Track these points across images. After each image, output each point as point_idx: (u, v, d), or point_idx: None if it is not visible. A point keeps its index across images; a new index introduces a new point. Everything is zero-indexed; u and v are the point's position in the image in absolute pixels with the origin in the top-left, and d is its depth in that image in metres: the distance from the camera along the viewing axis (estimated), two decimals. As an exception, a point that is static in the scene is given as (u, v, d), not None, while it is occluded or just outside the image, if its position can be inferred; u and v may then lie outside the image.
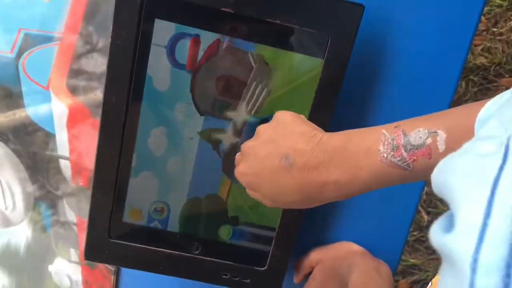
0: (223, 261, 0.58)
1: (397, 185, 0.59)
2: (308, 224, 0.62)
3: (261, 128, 0.45)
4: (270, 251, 0.57)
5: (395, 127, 0.39)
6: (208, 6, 0.48)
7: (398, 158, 0.37)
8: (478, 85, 1.30)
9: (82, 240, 0.68)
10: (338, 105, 0.52)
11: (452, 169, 0.26)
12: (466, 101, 1.29)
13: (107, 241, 0.56)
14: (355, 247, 0.60)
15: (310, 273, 0.61)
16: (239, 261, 0.58)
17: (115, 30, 0.48)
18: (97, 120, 0.61)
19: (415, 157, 0.37)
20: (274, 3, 0.48)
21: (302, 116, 0.46)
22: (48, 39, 0.61)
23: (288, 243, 0.57)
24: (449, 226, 0.23)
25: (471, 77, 1.29)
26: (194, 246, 0.57)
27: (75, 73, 0.61)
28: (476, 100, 1.31)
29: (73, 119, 0.63)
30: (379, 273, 0.55)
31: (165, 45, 0.50)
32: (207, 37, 0.50)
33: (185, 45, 0.50)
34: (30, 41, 0.61)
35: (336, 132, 0.42)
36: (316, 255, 0.60)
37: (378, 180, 0.39)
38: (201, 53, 0.51)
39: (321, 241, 0.63)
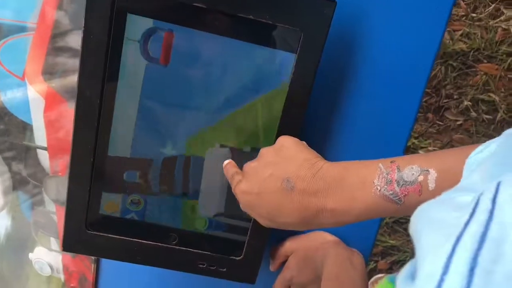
0: (200, 251, 0.59)
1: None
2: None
3: (264, 151, 0.48)
4: (246, 241, 0.58)
5: (391, 162, 0.41)
6: (181, 1, 0.48)
7: (391, 192, 0.40)
8: (457, 70, 1.31)
9: (61, 229, 0.69)
10: (311, 99, 0.52)
11: (426, 217, 0.28)
12: (445, 86, 1.30)
13: (84, 232, 0.57)
14: (328, 236, 0.61)
15: (285, 261, 0.62)
16: (215, 251, 0.59)
17: (87, 25, 0.48)
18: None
19: (406, 192, 0.39)
20: (246, -1, 0.48)
21: (304, 143, 0.49)
22: (21, 29, 0.60)
23: (264, 233, 0.58)
24: (414, 275, 0.25)
25: (450, 62, 1.30)
26: (171, 237, 0.58)
27: (51, 63, 0.61)
28: (455, 84, 1.33)
29: (50, 109, 0.63)
30: (352, 264, 0.57)
31: (138, 40, 0.50)
32: (180, 32, 0.50)
33: (159, 39, 0.50)
34: (3, 31, 0.60)
35: (336, 162, 0.45)
36: (290, 244, 0.62)
37: (371, 210, 0.42)
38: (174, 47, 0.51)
39: (297, 231, 0.64)
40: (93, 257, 0.69)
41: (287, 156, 0.46)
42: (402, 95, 0.58)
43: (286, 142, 0.47)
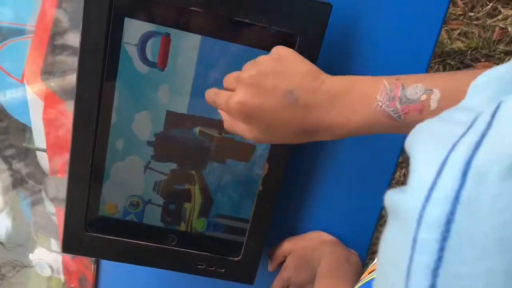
0: (199, 252, 0.59)
1: (369, 171, 0.60)
2: (281, 214, 0.63)
3: (261, 59, 0.44)
4: (244, 242, 0.59)
5: (396, 79, 0.40)
6: (178, 5, 0.48)
7: (392, 109, 0.39)
8: (455, 68, 1.31)
9: (61, 230, 0.69)
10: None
11: (422, 131, 0.27)
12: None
13: (84, 234, 0.57)
14: (325, 236, 0.62)
15: (283, 262, 0.63)
16: (214, 252, 0.59)
17: (85, 29, 0.48)
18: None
19: (407, 110, 0.39)
20: (243, 2, 0.49)
21: (300, 55, 0.45)
22: (20, 32, 0.61)
23: (261, 234, 0.59)
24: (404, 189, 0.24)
25: (448, 61, 1.31)
26: (170, 237, 0.59)
27: (50, 62, 0.61)
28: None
29: (49, 112, 0.64)
30: (348, 262, 0.57)
31: (136, 44, 0.51)
32: (177, 36, 0.51)
33: (156, 43, 0.51)
34: (2, 34, 0.61)
35: (340, 76, 0.43)
36: (288, 245, 0.62)
37: (369, 126, 0.41)
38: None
39: (294, 231, 0.64)
40: (93, 258, 0.69)
41: (289, 66, 0.43)
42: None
43: (284, 52, 0.44)
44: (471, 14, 1.30)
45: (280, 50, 0.45)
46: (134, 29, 0.50)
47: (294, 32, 0.50)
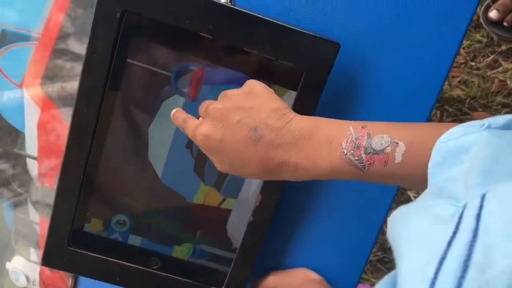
0: (181, 278, 0.58)
1: (364, 208, 0.60)
2: (269, 246, 0.62)
3: (230, 93, 0.44)
4: (229, 272, 0.58)
5: (362, 126, 0.39)
6: (187, 30, 0.48)
7: (356, 158, 0.38)
8: (453, 115, 1.32)
9: (43, 240, 0.68)
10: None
11: (405, 228, 0.27)
12: (439, 130, 1.31)
13: (66, 248, 0.56)
14: (312, 275, 0.61)
15: (266, 296, 0.62)
16: (197, 279, 0.58)
17: (91, 44, 0.48)
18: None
19: (372, 161, 0.38)
20: (252, 34, 0.49)
21: (273, 90, 0.45)
22: (25, 37, 0.60)
23: (248, 266, 0.58)
24: None
25: (446, 107, 1.32)
26: (153, 261, 0.57)
27: (50, 67, 0.61)
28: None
29: (45, 121, 0.63)
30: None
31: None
32: (184, 61, 0.50)
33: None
34: (7, 38, 0.61)
35: (307, 117, 0.43)
36: (273, 280, 0.61)
37: (334, 173, 0.40)
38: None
39: (281, 264, 0.63)
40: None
41: (257, 102, 0.43)
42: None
43: (256, 88, 0.44)
44: (473, 63, 1.32)
45: (252, 85, 0.44)
46: (140, 48, 0.50)
47: (301, 67, 0.50)
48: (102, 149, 0.53)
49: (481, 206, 0.24)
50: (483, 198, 0.24)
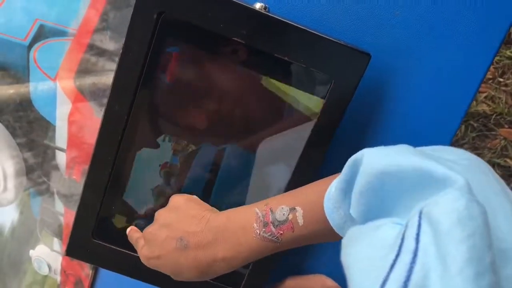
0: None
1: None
2: (288, 251, 0.62)
3: (157, 214, 0.50)
4: (247, 274, 0.58)
5: (265, 204, 0.44)
6: (221, 34, 0.49)
7: (269, 233, 0.43)
8: (478, 131, 1.31)
9: (67, 231, 0.69)
10: (332, 146, 0.53)
11: (353, 252, 0.30)
12: (463, 145, 1.30)
13: (90, 240, 0.57)
14: (329, 282, 0.61)
15: (282, 299, 0.62)
16: (215, 279, 0.59)
17: (127, 44, 0.49)
18: (99, 119, 0.62)
19: (282, 231, 0.42)
20: (284, 40, 0.49)
21: (195, 197, 0.51)
22: (61, 33, 0.62)
23: (266, 269, 0.58)
24: None
25: (471, 122, 1.30)
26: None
27: (84, 70, 0.63)
28: (473, 144, 1.32)
29: (76, 114, 0.64)
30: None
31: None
32: (216, 64, 0.51)
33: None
34: (44, 32, 0.62)
35: (220, 212, 0.48)
36: (290, 284, 0.61)
37: (256, 252, 0.44)
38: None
39: (299, 269, 0.64)
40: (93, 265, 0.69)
41: (178, 215, 0.48)
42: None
43: (177, 202, 0.50)
44: (501, 79, 1.30)
45: (173, 200, 0.50)
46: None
47: (330, 76, 0.50)
48: (131, 147, 0.54)
49: (419, 225, 0.25)
50: (420, 217, 0.26)
